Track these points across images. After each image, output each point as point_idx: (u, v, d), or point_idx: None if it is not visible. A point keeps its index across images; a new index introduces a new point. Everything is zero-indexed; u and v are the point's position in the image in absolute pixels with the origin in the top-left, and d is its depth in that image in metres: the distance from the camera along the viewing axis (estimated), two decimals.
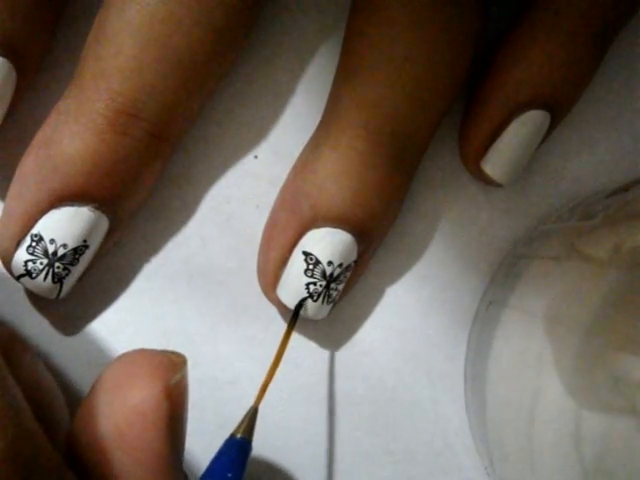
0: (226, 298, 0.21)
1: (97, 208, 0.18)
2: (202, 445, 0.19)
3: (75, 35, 0.20)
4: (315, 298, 0.19)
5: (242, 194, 0.21)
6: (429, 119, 0.19)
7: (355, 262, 0.19)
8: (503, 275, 0.21)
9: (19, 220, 0.18)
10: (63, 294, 0.19)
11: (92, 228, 0.18)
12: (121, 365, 0.15)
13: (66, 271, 0.18)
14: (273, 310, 0.21)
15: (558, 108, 0.20)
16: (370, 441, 0.21)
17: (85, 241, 0.18)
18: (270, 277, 0.20)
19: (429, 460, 0.21)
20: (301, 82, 0.21)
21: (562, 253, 0.19)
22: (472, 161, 0.21)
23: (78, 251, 0.18)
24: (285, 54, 0.21)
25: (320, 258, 0.19)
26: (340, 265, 0.19)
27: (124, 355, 0.15)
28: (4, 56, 0.18)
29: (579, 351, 0.17)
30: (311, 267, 0.19)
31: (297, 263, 0.19)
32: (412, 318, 0.21)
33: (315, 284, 0.19)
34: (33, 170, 0.18)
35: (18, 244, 0.18)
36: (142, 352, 0.15)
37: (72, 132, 0.18)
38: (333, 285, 0.19)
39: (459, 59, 0.19)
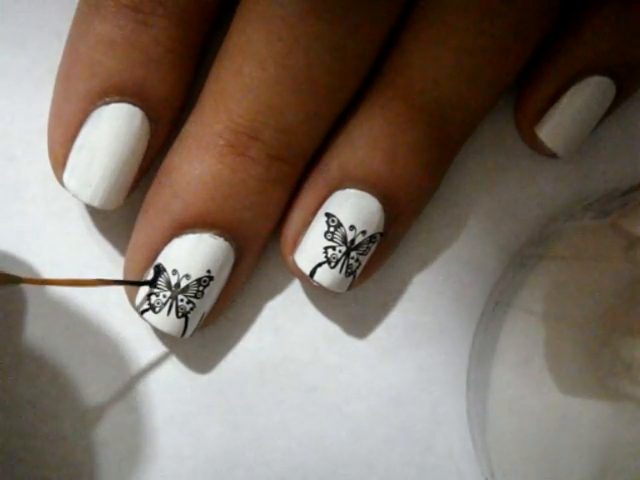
0: None
1: (219, 235, 0.18)
2: None
3: None
4: (333, 264, 0.18)
5: None
6: (479, 93, 0.18)
7: (382, 235, 0.18)
8: (511, 275, 0.21)
9: (142, 252, 0.18)
10: (189, 332, 0.18)
11: (215, 257, 0.18)
12: None
13: (190, 305, 0.18)
14: None
15: (624, 78, 0.19)
16: (367, 445, 0.21)
17: (209, 271, 0.18)
18: (289, 241, 0.19)
19: (427, 468, 0.21)
20: None
21: (573, 252, 0.19)
22: (526, 125, 0.20)
23: (202, 282, 0.18)
24: None
25: (342, 221, 0.18)
26: (363, 232, 0.18)
27: None
28: (135, 105, 0.17)
29: (587, 346, 0.16)
30: (332, 230, 0.18)
31: (318, 225, 0.18)
32: (415, 317, 0.21)
33: (334, 249, 0.18)
34: (154, 200, 0.18)
35: (142, 277, 0.18)
36: None
37: (192, 156, 0.17)
38: (354, 254, 0.18)
39: (527, 44, 0.18)
